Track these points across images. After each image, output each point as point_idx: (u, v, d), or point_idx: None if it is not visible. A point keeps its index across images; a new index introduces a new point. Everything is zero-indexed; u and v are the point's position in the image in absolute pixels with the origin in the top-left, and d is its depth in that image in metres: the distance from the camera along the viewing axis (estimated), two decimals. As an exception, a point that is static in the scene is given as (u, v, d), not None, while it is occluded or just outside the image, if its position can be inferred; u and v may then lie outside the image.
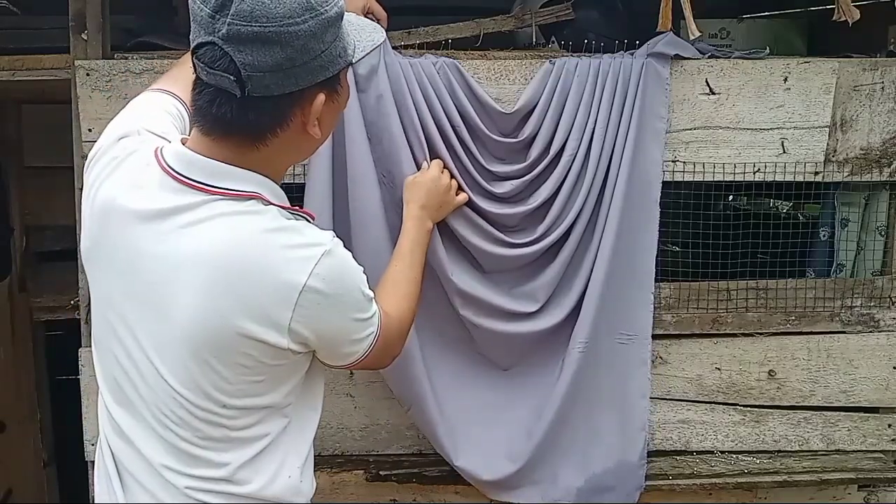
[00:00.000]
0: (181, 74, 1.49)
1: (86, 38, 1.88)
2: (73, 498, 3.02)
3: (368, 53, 1.36)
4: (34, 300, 2.95)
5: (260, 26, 1.17)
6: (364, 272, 1.36)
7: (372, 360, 1.43)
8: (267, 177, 1.30)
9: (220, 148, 1.27)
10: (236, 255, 1.24)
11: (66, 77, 1.92)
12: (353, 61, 1.31)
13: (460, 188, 1.84)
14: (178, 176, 1.27)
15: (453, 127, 1.83)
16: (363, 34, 1.36)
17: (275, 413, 1.34)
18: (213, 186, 1.26)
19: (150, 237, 1.26)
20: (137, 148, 1.34)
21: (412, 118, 1.81)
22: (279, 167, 1.34)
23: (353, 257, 1.35)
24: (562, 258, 1.89)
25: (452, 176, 1.84)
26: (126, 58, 1.90)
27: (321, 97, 1.26)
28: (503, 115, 1.87)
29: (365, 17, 1.74)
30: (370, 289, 1.38)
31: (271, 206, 1.29)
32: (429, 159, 1.82)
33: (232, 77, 1.19)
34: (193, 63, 1.24)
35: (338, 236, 1.33)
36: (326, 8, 1.22)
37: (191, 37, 1.24)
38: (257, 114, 1.23)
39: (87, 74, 1.86)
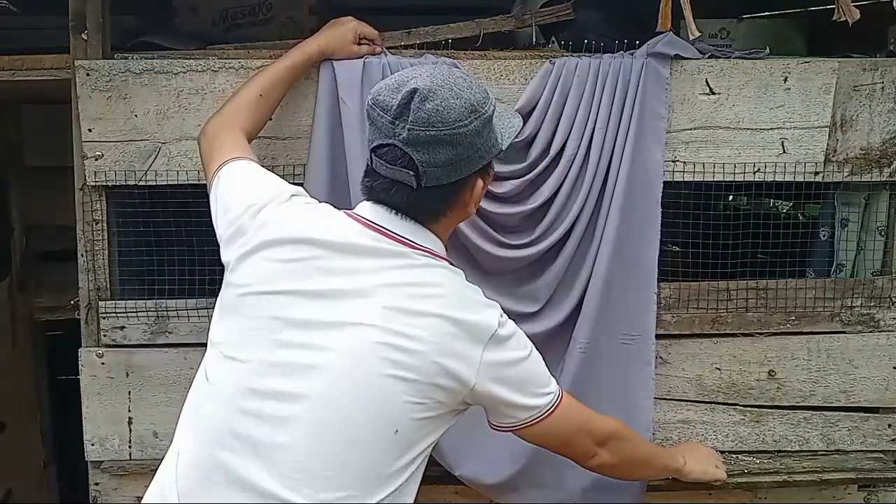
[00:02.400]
0: (241, 141, 1.67)
1: (86, 38, 1.88)
2: (73, 498, 3.03)
3: (513, 139, 1.58)
4: (34, 300, 2.96)
5: (436, 131, 1.39)
6: None
7: (551, 431, 1.53)
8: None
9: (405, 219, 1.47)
10: (452, 297, 1.43)
11: (66, 77, 1.91)
12: (504, 148, 1.54)
13: None
14: (382, 228, 1.45)
15: (453, 127, 1.83)
16: (504, 120, 1.56)
17: (407, 468, 1.40)
18: (416, 244, 1.45)
19: (363, 270, 1.40)
20: (321, 205, 1.53)
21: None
22: (446, 239, 1.53)
23: None
24: (562, 258, 1.89)
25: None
26: (126, 58, 1.91)
27: (480, 182, 1.50)
28: (503, 115, 1.87)
29: (359, 42, 1.83)
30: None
31: (459, 270, 1.51)
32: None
33: (411, 173, 1.40)
34: (371, 158, 1.44)
35: None
36: (486, 108, 1.45)
37: (369, 137, 1.46)
38: (429, 201, 1.45)
39: (87, 74, 1.86)
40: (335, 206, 1.53)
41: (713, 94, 1.91)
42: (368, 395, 1.34)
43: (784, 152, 1.94)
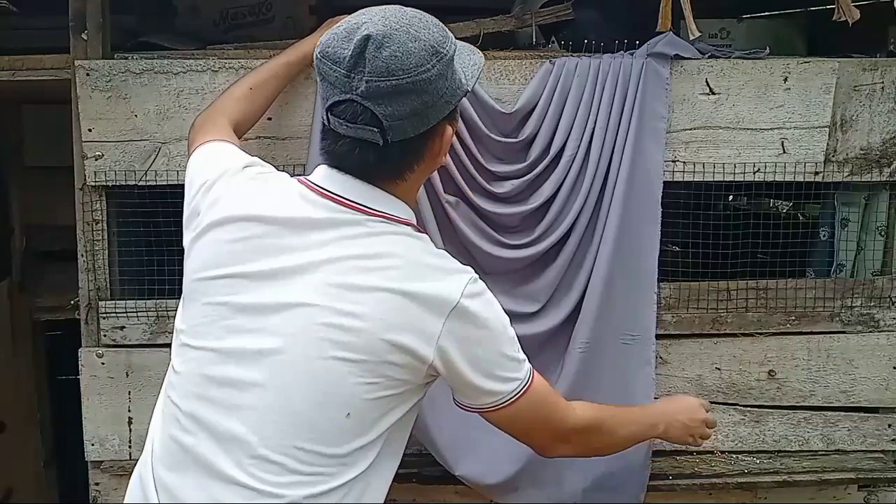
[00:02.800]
0: (223, 125, 1.63)
1: (86, 38, 1.88)
2: (73, 498, 3.03)
3: (478, 78, 1.44)
4: (34, 300, 2.95)
5: (397, 80, 1.27)
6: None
7: (517, 418, 1.43)
8: (409, 207, 1.41)
9: (363, 183, 1.36)
10: (405, 267, 1.32)
11: (66, 77, 1.91)
12: (469, 89, 1.40)
13: (461, 189, 1.85)
14: (333, 195, 1.35)
15: (453, 127, 1.83)
16: (464, 58, 1.42)
17: (372, 446, 1.34)
18: (372, 209, 1.35)
19: (309, 245, 1.32)
20: (273, 174, 1.45)
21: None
22: (414, 196, 1.45)
23: None
24: (562, 258, 1.89)
25: (451, 177, 1.84)
26: (126, 58, 1.91)
27: (449, 129, 1.38)
28: (503, 115, 1.87)
29: None
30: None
31: (423, 234, 1.41)
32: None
33: (375, 129, 1.29)
34: (328, 118, 1.32)
35: None
36: (448, 48, 1.33)
37: (322, 95, 1.34)
38: (398, 156, 1.34)
39: (87, 74, 1.86)
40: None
41: (713, 94, 1.91)
42: (316, 379, 1.29)
43: (784, 152, 1.94)
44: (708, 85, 1.91)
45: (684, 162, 1.93)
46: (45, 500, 3.14)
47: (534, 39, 2.08)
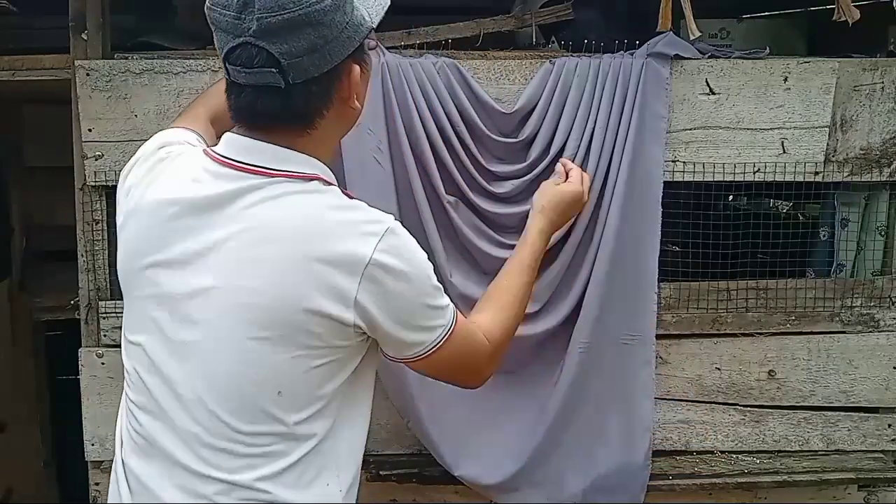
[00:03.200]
0: (198, 113, 1.59)
1: (86, 38, 1.88)
2: (73, 498, 3.03)
3: (381, 16, 1.37)
4: (34, 300, 2.96)
5: (289, 13, 1.20)
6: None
7: (443, 363, 1.38)
8: (320, 161, 1.34)
9: (269, 139, 1.30)
10: (307, 229, 1.26)
11: (66, 77, 1.92)
12: (374, 26, 1.33)
13: (461, 189, 1.85)
14: (235, 163, 1.30)
15: (453, 127, 1.83)
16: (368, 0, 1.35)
17: (321, 414, 1.31)
18: (273, 169, 1.29)
19: (213, 223, 1.28)
20: (182, 151, 1.39)
21: (412, 118, 1.81)
22: (328, 148, 1.37)
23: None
24: (562, 259, 1.89)
25: (451, 177, 1.84)
26: (126, 58, 1.91)
27: (356, 69, 1.31)
28: (503, 115, 1.87)
29: None
30: (439, 281, 1.37)
31: (332, 186, 1.33)
32: (430, 159, 1.82)
33: (274, 70, 1.22)
34: (227, 69, 1.26)
35: None
36: None
37: (218, 46, 1.27)
38: (303, 99, 1.27)
39: (87, 74, 1.86)
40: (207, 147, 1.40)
41: (713, 94, 1.91)
42: (237, 363, 1.26)
43: (784, 152, 1.94)
44: (708, 85, 1.91)
45: (684, 162, 1.93)
46: (45, 500, 3.14)
47: (534, 39, 2.08)
